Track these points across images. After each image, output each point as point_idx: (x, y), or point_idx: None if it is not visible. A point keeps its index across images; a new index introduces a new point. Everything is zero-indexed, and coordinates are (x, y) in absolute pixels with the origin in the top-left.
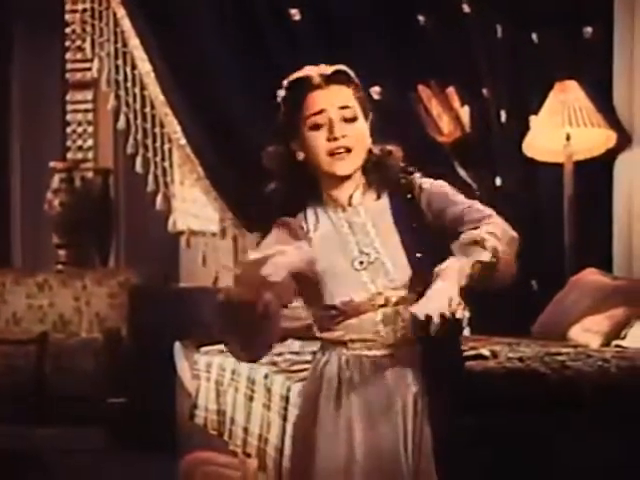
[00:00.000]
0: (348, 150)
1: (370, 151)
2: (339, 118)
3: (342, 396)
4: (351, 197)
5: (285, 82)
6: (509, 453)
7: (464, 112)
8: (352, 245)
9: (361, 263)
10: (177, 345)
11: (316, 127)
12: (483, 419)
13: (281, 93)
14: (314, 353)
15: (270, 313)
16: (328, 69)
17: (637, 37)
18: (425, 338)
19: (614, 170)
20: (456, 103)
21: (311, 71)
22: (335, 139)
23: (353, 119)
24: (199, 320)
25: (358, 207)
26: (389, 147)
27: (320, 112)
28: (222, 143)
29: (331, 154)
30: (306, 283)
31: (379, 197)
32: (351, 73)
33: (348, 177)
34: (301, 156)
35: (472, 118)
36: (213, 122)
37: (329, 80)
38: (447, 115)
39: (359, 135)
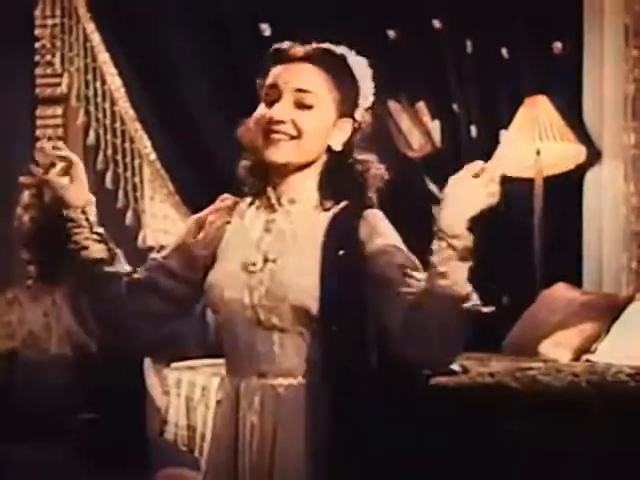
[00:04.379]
0: (291, 137)
1: (334, 152)
2: (291, 99)
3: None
4: (281, 196)
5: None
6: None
7: (434, 127)
8: (256, 247)
9: (254, 265)
10: (147, 361)
11: (265, 102)
12: (455, 432)
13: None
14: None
15: None
16: (314, 46)
17: (606, 52)
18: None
19: (584, 185)
20: (426, 118)
21: (294, 45)
22: (276, 121)
23: (308, 107)
24: (168, 336)
25: (290, 211)
26: (369, 159)
27: (273, 86)
28: (192, 158)
29: (266, 135)
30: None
31: (325, 209)
32: (345, 61)
33: (289, 172)
34: None
35: (443, 133)
36: (183, 137)
37: (305, 57)
38: (417, 130)
39: (309, 126)
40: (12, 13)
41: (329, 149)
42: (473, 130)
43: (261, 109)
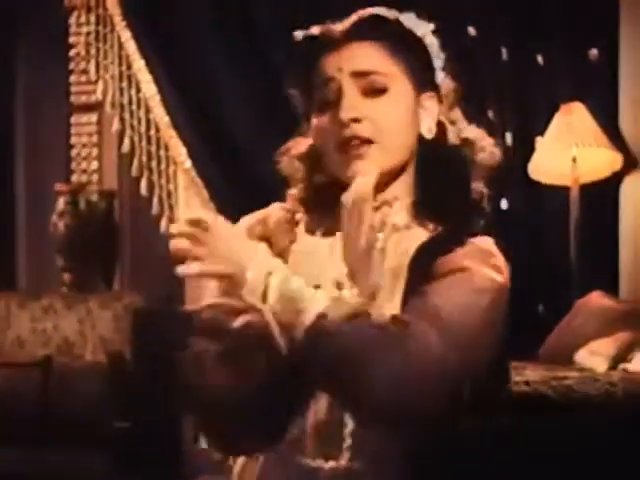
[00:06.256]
0: (368, 142)
1: (426, 142)
2: (356, 89)
3: None
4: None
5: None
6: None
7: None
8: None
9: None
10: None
11: (323, 107)
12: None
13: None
14: None
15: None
16: (356, 16)
17: None
18: None
19: (620, 193)
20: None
21: (326, 25)
22: (350, 121)
23: (381, 91)
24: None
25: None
26: (475, 136)
27: (328, 81)
28: (227, 166)
29: (342, 148)
30: None
31: (422, 225)
32: (399, 22)
33: (381, 183)
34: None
35: None
36: (218, 145)
37: (349, 34)
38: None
39: (392, 116)
40: (46, 21)
41: (420, 140)
42: (508, 137)
43: (317, 119)
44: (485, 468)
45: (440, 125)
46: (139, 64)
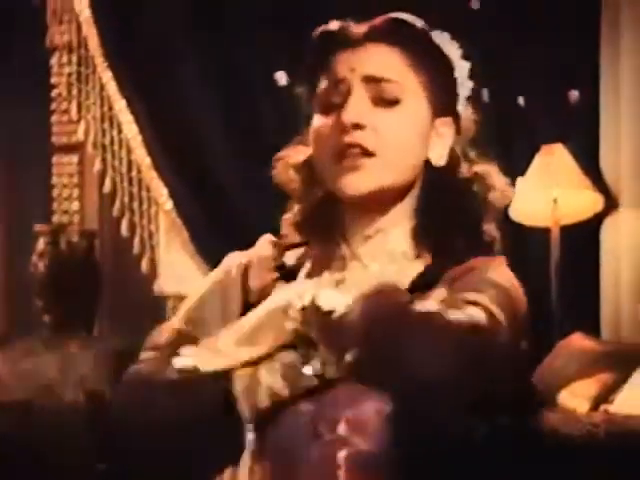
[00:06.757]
0: (367, 154)
1: (434, 169)
2: (366, 94)
3: None
4: (357, 248)
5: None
6: None
7: None
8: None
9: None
10: None
11: (328, 108)
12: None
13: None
14: None
15: None
16: (382, 18)
17: (623, 100)
18: None
19: (601, 234)
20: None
21: (349, 23)
22: (351, 126)
23: (392, 102)
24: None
25: (371, 266)
26: (488, 172)
27: (338, 82)
28: (209, 208)
29: (338, 155)
30: None
31: (411, 260)
32: (428, 36)
33: (369, 207)
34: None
35: None
36: (200, 187)
37: (372, 36)
38: None
39: (399, 131)
40: (28, 61)
41: (427, 165)
42: None
43: (318, 120)
44: None
45: (453, 156)
46: (120, 105)
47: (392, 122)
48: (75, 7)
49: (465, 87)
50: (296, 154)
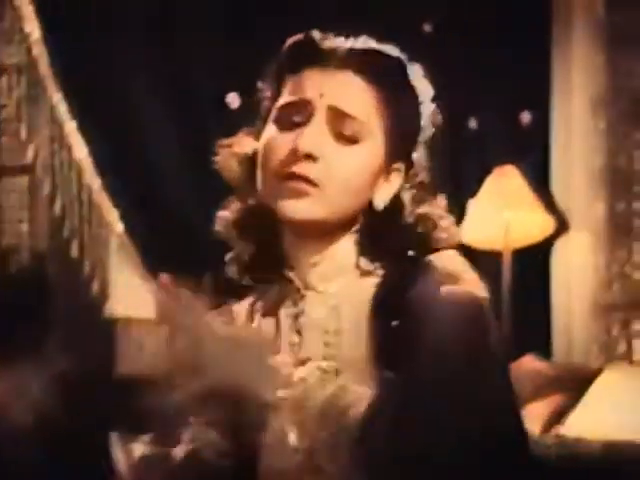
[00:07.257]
0: (312, 184)
1: (375, 211)
2: (327, 125)
3: None
4: (307, 273)
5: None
6: None
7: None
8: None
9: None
10: (113, 435)
11: (285, 123)
12: None
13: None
14: None
15: None
16: (361, 44)
17: (575, 122)
18: None
19: (552, 257)
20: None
21: (328, 36)
22: (302, 156)
23: (351, 141)
24: (136, 409)
25: (326, 289)
26: (432, 214)
27: (303, 102)
28: (160, 231)
29: (283, 177)
30: None
31: (366, 274)
32: (403, 70)
33: (314, 232)
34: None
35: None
36: (151, 209)
37: (347, 61)
38: None
39: (350, 171)
40: None
41: (369, 206)
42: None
43: (272, 131)
44: None
45: (397, 202)
46: (70, 126)
47: (346, 160)
48: (25, 28)
49: (426, 131)
50: (242, 145)
